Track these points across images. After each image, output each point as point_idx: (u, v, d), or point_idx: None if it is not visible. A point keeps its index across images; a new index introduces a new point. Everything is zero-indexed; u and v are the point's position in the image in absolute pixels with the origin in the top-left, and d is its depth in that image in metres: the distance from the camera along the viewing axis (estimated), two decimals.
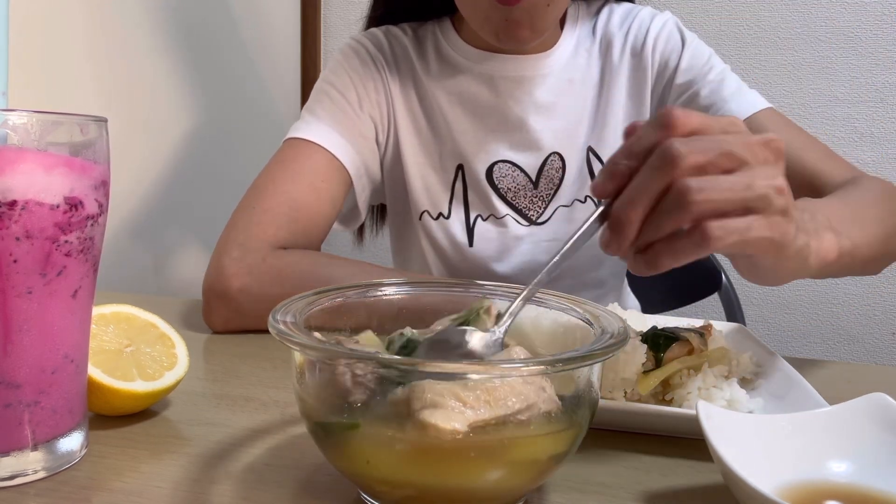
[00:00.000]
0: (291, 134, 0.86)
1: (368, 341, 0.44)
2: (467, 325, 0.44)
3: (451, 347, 0.42)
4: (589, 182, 0.91)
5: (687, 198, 0.41)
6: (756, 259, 0.50)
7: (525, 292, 0.43)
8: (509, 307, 0.43)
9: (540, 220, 0.91)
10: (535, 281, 0.43)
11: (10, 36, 0.47)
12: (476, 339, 0.42)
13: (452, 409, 0.34)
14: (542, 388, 0.36)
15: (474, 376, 0.35)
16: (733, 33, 1.57)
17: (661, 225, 0.42)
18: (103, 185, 0.43)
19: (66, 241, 0.40)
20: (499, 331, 0.42)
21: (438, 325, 0.46)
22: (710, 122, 0.44)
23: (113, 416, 0.50)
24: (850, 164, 0.82)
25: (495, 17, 0.79)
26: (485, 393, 0.35)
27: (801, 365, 0.60)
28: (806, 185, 0.79)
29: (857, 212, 0.66)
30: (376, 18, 0.98)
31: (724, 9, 1.57)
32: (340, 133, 0.86)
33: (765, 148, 0.44)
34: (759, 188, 0.43)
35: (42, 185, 0.38)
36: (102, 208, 0.43)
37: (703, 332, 0.57)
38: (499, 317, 0.44)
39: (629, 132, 0.45)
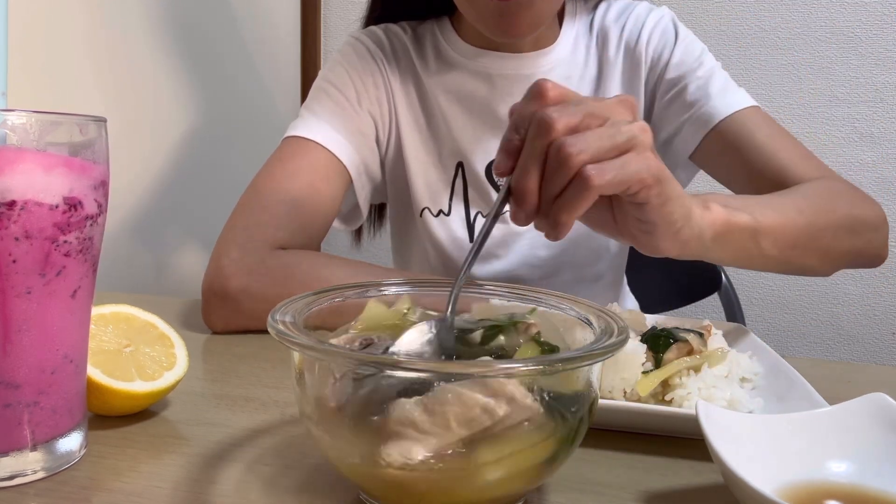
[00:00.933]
0: (290, 132, 0.86)
1: (374, 315, 0.44)
2: (501, 333, 0.44)
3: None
4: None
5: (564, 152, 0.47)
6: (647, 213, 0.53)
7: (456, 283, 0.46)
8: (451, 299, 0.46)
9: None
10: (462, 272, 0.47)
11: (10, 36, 0.47)
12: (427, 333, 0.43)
13: (414, 440, 0.34)
14: (511, 399, 0.35)
15: (473, 375, 0.35)
16: (733, 33, 1.57)
17: (552, 183, 0.48)
18: (102, 185, 0.43)
19: (66, 242, 0.40)
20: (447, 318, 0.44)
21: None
22: (571, 92, 0.51)
23: (112, 417, 0.50)
24: (826, 167, 0.82)
25: (490, 12, 0.79)
26: (442, 417, 0.34)
27: (801, 365, 0.60)
28: (774, 181, 0.80)
29: (773, 200, 0.69)
30: (374, 19, 0.98)
31: (724, 9, 1.57)
32: (339, 131, 0.86)
33: (620, 105, 0.52)
34: (624, 131, 0.49)
35: (41, 185, 0.38)
36: (102, 208, 0.43)
37: (702, 333, 0.57)
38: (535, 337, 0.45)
39: (511, 112, 0.52)
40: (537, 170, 0.48)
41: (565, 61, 0.91)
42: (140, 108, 1.25)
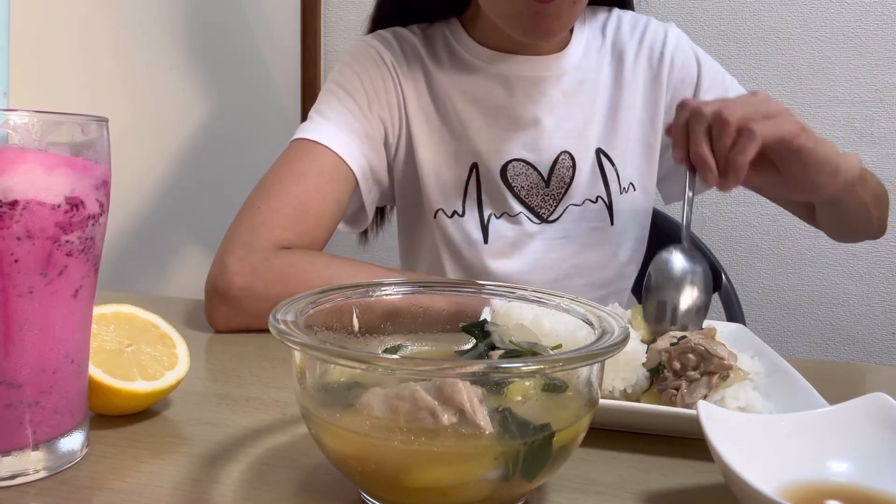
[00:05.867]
0: (298, 134, 0.86)
1: None
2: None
3: None
4: (600, 183, 0.94)
5: (721, 117, 0.68)
6: (807, 156, 0.71)
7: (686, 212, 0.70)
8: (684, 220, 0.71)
9: (551, 219, 0.93)
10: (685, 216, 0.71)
11: (10, 36, 0.47)
12: None
13: (365, 418, 0.36)
14: (460, 411, 0.35)
15: (466, 374, 0.35)
16: (733, 33, 1.57)
17: (720, 142, 0.68)
18: (104, 184, 0.43)
19: (68, 241, 0.40)
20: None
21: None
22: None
23: (114, 416, 0.50)
24: None
25: (526, 13, 0.81)
26: (394, 410, 0.35)
27: (801, 365, 0.60)
28: None
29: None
30: (381, 19, 0.98)
31: (724, 9, 1.57)
32: (347, 134, 0.86)
33: (761, 100, 0.71)
34: (764, 105, 0.70)
35: (43, 184, 0.39)
36: (103, 208, 0.43)
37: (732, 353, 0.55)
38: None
39: (680, 106, 0.73)
40: (705, 139, 0.69)
41: (578, 64, 0.94)
42: (141, 109, 1.25)
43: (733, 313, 1.20)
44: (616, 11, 0.98)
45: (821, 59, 1.54)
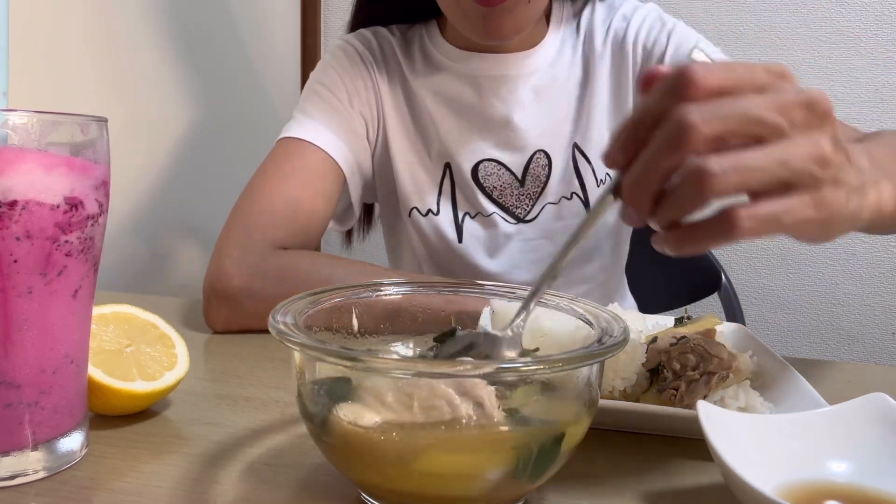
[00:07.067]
0: (284, 134, 0.87)
1: None
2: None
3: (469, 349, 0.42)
4: (575, 180, 0.91)
5: (703, 181, 0.34)
6: (803, 237, 0.39)
7: (539, 281, 0.41)
8: (524, 302, 0.43)
9: (528, 218, 0.91)
10: (548, 267, 0.42)
11: (10, 36, 0.47)
12: (495, 343, 0.42)
13: (370, 407, 0.35)
14: (479, 404, 0.35)
15: (468, 374, 0.35)
16: (733, 33, 1.57)
17: (679, 208, 0.37)
18: (103, 185, 0.43)
19: (67, 241, 0.40)
20: (516, 328, 0.42)
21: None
22: (741, 77, 0.36)
23: (113, 416, 0.50)
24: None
25: (474, 15, 0.79)
26: (408, 398, 0.35)
27: (801, 365, 0.60)
28: None
29: None
30: (360, 22, 0.98)
31: (723, 9, 1.57)
32: (332, 131, 0.86)
33: (806, 109, 0.36)
34: (796, 162, 0.35)
35: (42, 185, 0.38)
36: (103, 208, 0.43)
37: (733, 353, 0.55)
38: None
39: (645, 83, 0.38)
40: (657, 183, 0.36)
41: (552, 62, 0.91)
42: (140, 109, 1.25)
43: (733, 313, 1.20)
44: (596, 4, 0.94)
45: (821, 59, 1.54)
